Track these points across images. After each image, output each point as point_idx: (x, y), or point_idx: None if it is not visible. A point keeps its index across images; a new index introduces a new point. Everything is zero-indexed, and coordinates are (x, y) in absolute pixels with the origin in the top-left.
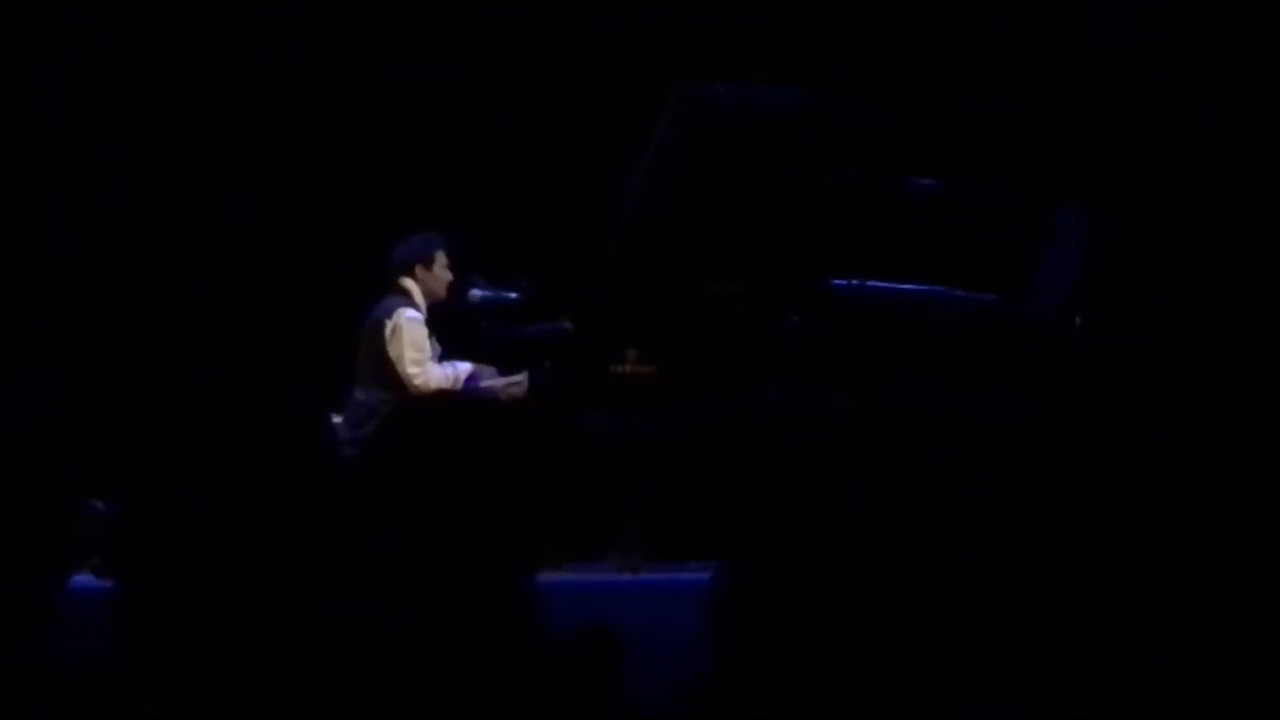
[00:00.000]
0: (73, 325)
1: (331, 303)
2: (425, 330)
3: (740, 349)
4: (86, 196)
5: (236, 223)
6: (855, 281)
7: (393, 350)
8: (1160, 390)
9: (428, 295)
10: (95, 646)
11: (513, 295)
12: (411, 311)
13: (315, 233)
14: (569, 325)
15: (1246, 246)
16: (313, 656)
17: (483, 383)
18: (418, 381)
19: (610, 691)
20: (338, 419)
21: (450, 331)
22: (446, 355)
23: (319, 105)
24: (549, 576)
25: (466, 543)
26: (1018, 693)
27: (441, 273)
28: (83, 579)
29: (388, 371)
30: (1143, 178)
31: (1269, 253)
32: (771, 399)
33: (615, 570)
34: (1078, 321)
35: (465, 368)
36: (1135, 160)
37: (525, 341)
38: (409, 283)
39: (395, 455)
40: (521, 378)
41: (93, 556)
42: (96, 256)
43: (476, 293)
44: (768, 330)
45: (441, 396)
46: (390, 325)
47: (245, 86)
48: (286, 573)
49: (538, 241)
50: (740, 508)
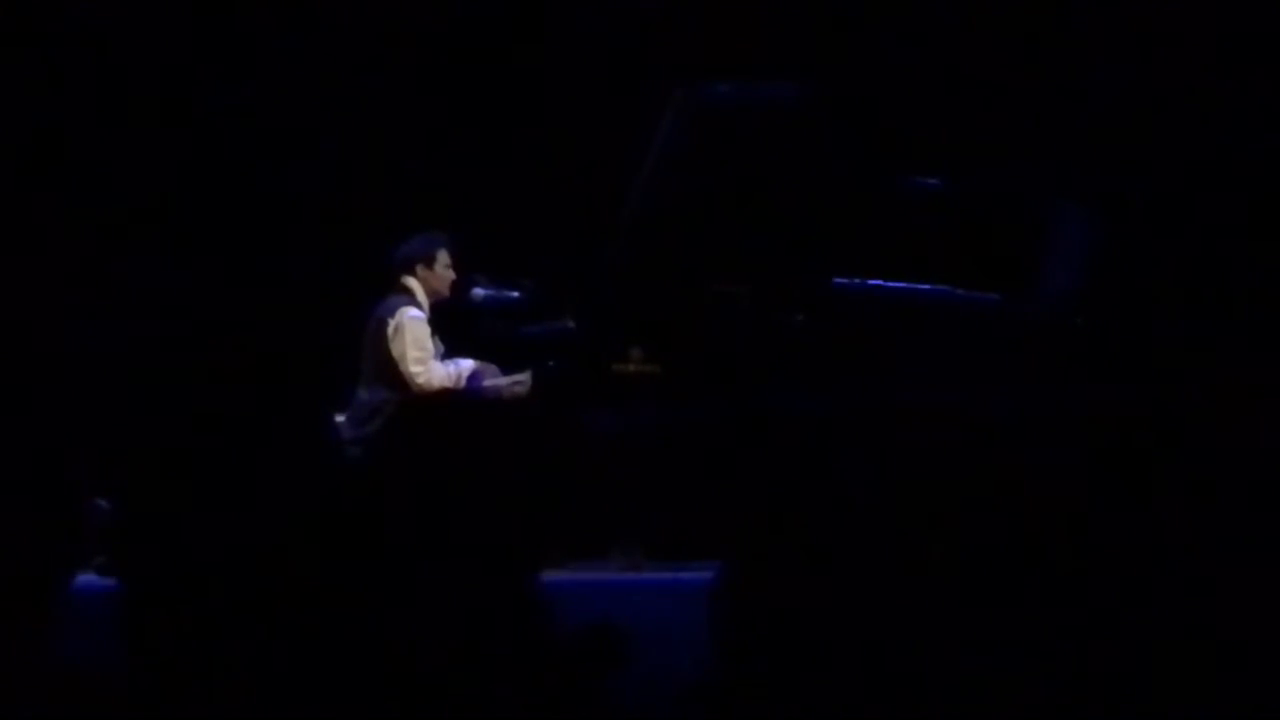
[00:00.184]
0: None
1: (334, 302)
2: (428, 329)
3: (743, 348)
4: (88, 198)
5: (235, 222)
6: (858, 280)
7: (395, 349)
8: (1160, 390)
9: (430, 294)
10: (100, 643)
11: (515, 294)
12: (414, 310)
13: (317, 233)
14: (572, 324)
15: (1247, 246)
16: (315, 655)
17: (485, 382)
18: (420, 380)
19: (612, 689)
20: (341, 418)
21: (453, 330)
22: (449, 354)
23: (320, 105)
24: (551, 575)
25: (469, 541)
26: (1017, 690)
27: (444, 271)
28: (87, 578)
29: (390, 371)
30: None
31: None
32: (774, 399)
33: (617, 569)
34: (1080, 320)
35: (468, 366)
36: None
37: (528, 340)
38: (411, 281)
39: (399, 454)
40: (524, 377)
41: (97, 555)
42: (96, 257)
43: (479, 291)
44: (771, 329)
45: (444, 396)
46: (393, 324)
47: (245, 87)
48: (289, 571)
49: (540, 240)
50: (743, 507)
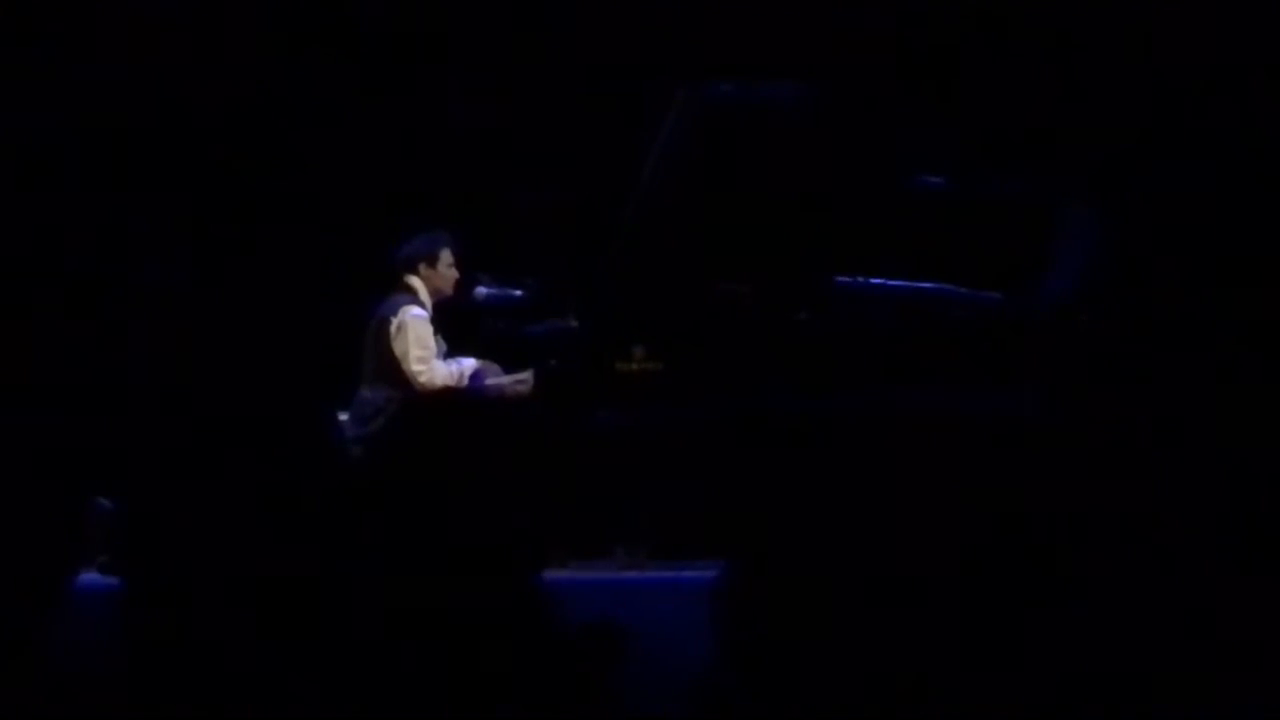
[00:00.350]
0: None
1: (337, 301)
2: (430, 328)
3: (747, 347)
4: (88, 199)
5: (236, 223)
6: (862, 279)
7: (398, 348)
8: (1161, 388)
9: (433, 293)
10: (101, 642)
11: (518, 293)
12: (417, 309)
13: (319, 233)
14: (574, 323)
15: (1248, 245)
16: (315, 654)
17: (488, 381)
18: (423, 379)
19: (614, 687)
20: (343, 417)
21: (455, 329)
22: (452, 353)
23: (321, 105)
24: (554, 574)
25: (472, 539)
26: (1016, 688)
27: (447, 270)
28: (89, 577)
29: (393, 369)
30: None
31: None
32: (776, 398)
33: (620, 567)
34: (1084, 320)
35: (470, 364)
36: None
37: (530, 339)
38: (414, 280)
39: (401, 453)
40: (527, 376)
41: (99, 555)
42: (98, 258)
43: (482, 290)
44: (774, 328)
45: (447, 395)
46: (395, 323)
47: (246, 86)
48: (290, 571)
49: (543, 239)
50: (745, 507)
